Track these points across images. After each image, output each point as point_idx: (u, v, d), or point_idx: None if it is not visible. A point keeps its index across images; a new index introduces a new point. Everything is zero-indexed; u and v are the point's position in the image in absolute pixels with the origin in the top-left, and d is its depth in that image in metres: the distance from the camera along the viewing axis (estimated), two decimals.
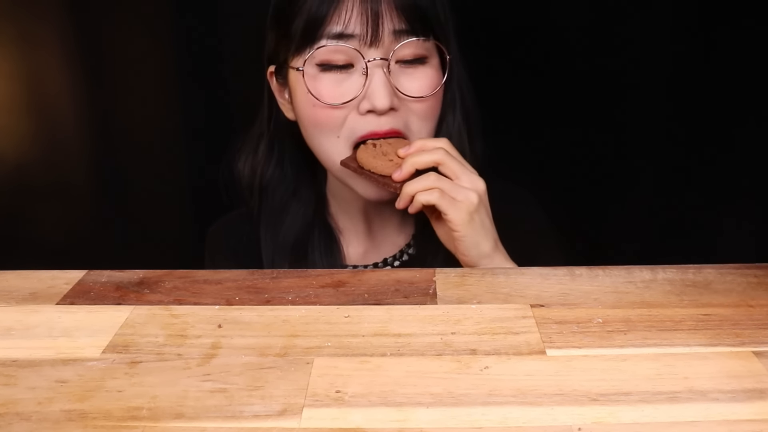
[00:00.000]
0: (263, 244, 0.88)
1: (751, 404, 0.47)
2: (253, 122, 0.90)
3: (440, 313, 0.58)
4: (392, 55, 0.76)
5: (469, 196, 0.74)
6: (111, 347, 0.54)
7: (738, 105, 1.11)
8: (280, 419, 0.46)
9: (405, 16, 0.76)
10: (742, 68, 1.10)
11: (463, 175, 0.75)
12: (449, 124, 0.84)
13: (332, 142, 0.79)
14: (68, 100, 1.14)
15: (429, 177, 0.75)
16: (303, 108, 0.80)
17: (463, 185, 0.74)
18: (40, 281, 0.64)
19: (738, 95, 1.11)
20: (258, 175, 0.88)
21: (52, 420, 0.47)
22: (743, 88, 1.10)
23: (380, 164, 0.77)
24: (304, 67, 0.77)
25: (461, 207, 0.74)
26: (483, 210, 0.75)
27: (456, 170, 0.75)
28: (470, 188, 0.74)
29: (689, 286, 0.62)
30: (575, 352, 0.53)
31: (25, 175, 1.16)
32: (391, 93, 0.77)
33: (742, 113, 1.12)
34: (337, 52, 0.76)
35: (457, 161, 0.75)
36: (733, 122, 1.13)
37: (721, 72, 1.10)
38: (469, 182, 0.75)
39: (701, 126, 1.13)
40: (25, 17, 1.10)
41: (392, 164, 0.77)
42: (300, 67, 0.78)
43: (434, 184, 0.74)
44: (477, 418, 0.46)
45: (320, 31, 0.76)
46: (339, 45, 0.76)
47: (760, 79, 1.09)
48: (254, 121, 0.90)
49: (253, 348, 0.54)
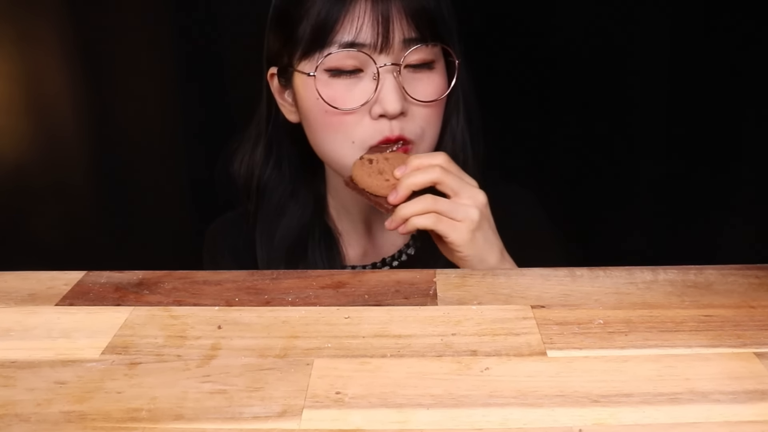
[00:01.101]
0: (258, 245, 0.87)
1: (752, 405, 0.47)
2: (249, 123, 0.90)
3: (441, 314, 0.58)
4: (402, 61, 0.76)
5: (470, 213, 0.72)
6: (110, 348, 0.54)
7: (740, 106, 1.11)
8: (280, 420, 0.46)
9: (415, 23, 0.76)
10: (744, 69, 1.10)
11: (462, 190, 0.73)
12: (453, 126, 0.84)
13: (346, 147, 0.78)
14: (67, 100, 1.14)
15: (425, 200, 0.72)
16: (313, 113, 0.79)
17: (462, 202, 0.72)
18: (39, 282, 0.64)
19: (740, 96, 1.11)
20: (255, 176, 0.87)
21: (51, 421, 0.46)
22: (745, 89, 1.10)
23: (375, 184, 0.74)
24: (315, 73, 0.77)
25: (461, 228, 0.72)
26: (486, 224, 0.73)
27: (454, 187, 0.72)
28: (470, 204, 0.72)
29: (690, 287, 0.62)
30: (576, 353, 0.53)
31: (24, 176, 1.16)
32: (401, 97, 0.76)
33: (745, 114, 1.12)
34: (348, 58, 0.76)
35: (455, 177, 0.73)
36: (735, 123, 1.13)
37: (723, 73, 1.10)
38: (469, 197, 0.73)
39: (703, 127, 1.13)
40: (24, 17, 1.10)
41: (388, 185, 0.74)
42: (312, 72, 0.77)
43: (430, 208, 0.72)
44: (477, 420, 0.46)
45: (330, 37, 0.76)
46: (351, 52, 0.76)
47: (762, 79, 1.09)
48: (251, 121, 0.90)
49: (253, 349, 0.54)
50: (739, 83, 1.10)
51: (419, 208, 0.72)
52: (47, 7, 1.10)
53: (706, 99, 1.11)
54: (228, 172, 0.89)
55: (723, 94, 1.10)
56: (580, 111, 1.14)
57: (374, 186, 0.74)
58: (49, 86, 1.13)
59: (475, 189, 0.73)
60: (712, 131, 1.13)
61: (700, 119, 1.13)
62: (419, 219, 0.72)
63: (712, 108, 1.12)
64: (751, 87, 1.10)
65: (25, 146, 1.16)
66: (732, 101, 1.11)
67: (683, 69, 1.12)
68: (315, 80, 0.77)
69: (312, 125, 0.81)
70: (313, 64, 0.77)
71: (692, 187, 1.16)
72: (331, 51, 0.76)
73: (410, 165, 0.74)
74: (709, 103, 1.11)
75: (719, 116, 1.12)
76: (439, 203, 0.72)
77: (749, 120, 1.12)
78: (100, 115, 1.16)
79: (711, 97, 1.11)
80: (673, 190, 1.17)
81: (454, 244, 0.72)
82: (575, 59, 1.12)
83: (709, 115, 1.12)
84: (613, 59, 1.12)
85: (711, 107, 1.11)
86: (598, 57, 1.12)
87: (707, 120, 1.12)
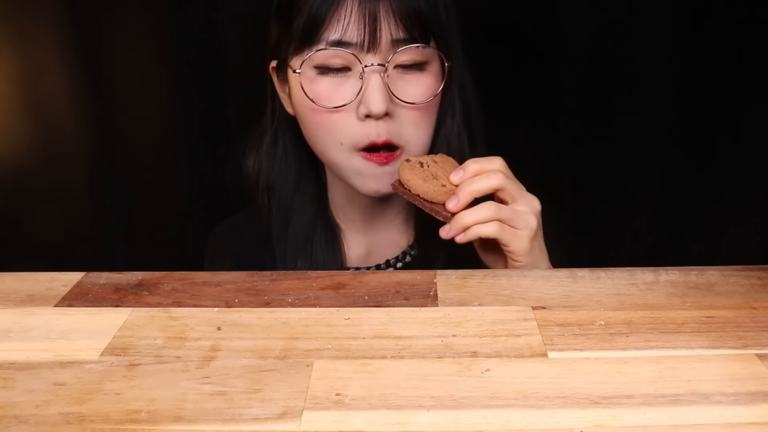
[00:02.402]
0: (276, 242, 0.87)
1: (754, 407, 0.47)
2: (260, 118, 0.90)
3: (441, 316, 0.58)
4: (390, 61, 0.76)
5: (529, 221, 0.70)
6: (109, 350, 0.54)
7: (742, 106, 1.11)
8: (280, 422, 0.46)
9: (404, 24, 0.76)
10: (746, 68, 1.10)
11: (521, 197, 0.70)
12: (447, 128, 0.83)
13: (335, 148, 0.78)
14: (66, 100, 1.14)
15: (488, 207, 0.69)
16: (302, 110, 0.80)
17: (521, 209, 0.70)
18: (38, 283, 0.64)
19: (742, 96, 1.11)
20: (264, 171, 0.87)
21: (50, 423, 0.46)
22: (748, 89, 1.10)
23: (431, 189, 0.70)
24: (301, 69, 0.77)
25: (523, 236, 0.70)
26: (540, 232, 0.72)
27: (514, 194, 0.70)
28: (529, 211, 0.70)
29: (692, 288, 0.62)
30: (577, 355, 0.53)
31: (23, 177, 1.16)
32: (386, 98, 0.76)
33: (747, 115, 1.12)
34: (335, 56, 0.76)
35: (515, 183, 0.71)
36: (737, 124, 1.13)
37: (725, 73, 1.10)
38: (527, 204, 0.71)
39: (705, 127, 1.13)
40: (23, 17, 1.09)
41: (445, 190, 0.70)
42: (297, 69, 0.77)
43: (494, 216, 0.69)
44: (478, 421, 0.46)
45: (319, 34, 0.76)
46: (337, 50, 0.76)
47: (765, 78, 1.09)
48: (261, 116, 0.90)
49: (253, 350, 0.54)
50: (742, 82, 1.10)
51: (483, 216, 0.69)
52: (46, 7, 1.10)
53: (709, 100, 1.11)
54: (240, 168, 0.89)
55: (726, 93, 1.10)
56: (581, 111, 1.13)
57: (430, 192, 0.71)
58: (48, 87, 1.13)
59: (531, 196, 0.72)
60: (714, 132, 1.13)
61: (703, 121, 1.13)
62: (482, 227, 0.69)
63: (715, 109, 1.11)
64: (755, 86, 1.10)
65: (24, 147, 1.15)
66: (735, 100, 1.11)
67: (685, 68, 1.12)
68: (301, 77, 0.77)
69: (302, 122, 0.81)
70: (301, 61, 0.77)
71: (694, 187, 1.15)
72: (318, 48, 0.76)
73: (468, 170, 0.71)
74: (712, 104, 1.11)
75: (722, 118, 1.12)
76: (503, 211, 0.69)
77: (753, 121, 1.12)
78: (100, 116, 1.16)
79: (714, 98, 1.11)
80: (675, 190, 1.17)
81: (514, 253, 0.70)
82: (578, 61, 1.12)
83: (711, 116, 1.12)
84: (614, 59, 1.12)
85: (714, 108, 1.11)
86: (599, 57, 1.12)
87: (710, 121, 1.12)
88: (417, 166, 0.72)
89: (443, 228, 0.71)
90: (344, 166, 0.79)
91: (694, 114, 1.13)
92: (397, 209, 0.88)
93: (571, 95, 1.13)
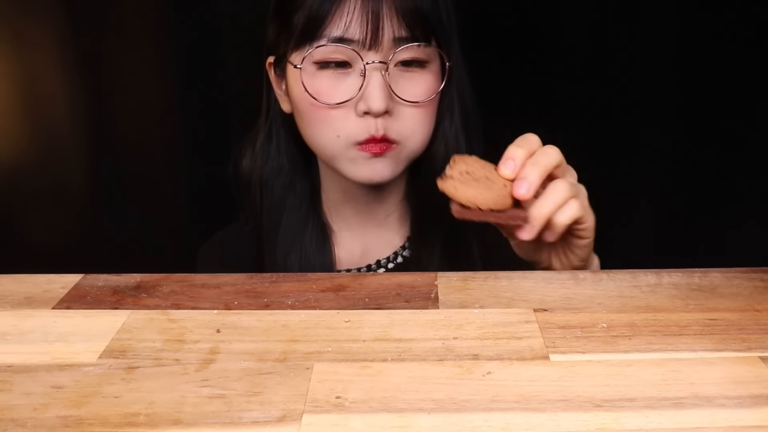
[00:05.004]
0: (266, 241, 0.87)
1: (757, 410, 0.47)
2: (258, 116, 0.90)
3: (442, 318, 0.58)
4: (391, 59, 0.76)
5: (583, 192, 0.65)
6: (108, 352, 0.54)
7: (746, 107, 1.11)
8: (280, 425, 0.46)
9: (406, 22, 0.76)
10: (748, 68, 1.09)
11: (569, 169, 0.65)
12: (446, 128, 0.84)
13: (332, 140, 0.78)
14: (65, 101, 1.14)
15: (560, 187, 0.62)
16: (301, 106, 0.80)
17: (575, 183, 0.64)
18: (35, 285, 0.64)
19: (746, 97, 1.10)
20: (258, 168, 0.87)
21: (47, 426, 0.46)
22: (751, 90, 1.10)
23: (497, 195, 0.61)
24: (302, 65, 0.77)
25: (590, 210, 0.65)
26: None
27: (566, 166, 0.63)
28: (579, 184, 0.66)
29: (695, 290, 0.61)
30: (579, 358, 0.52)
31: (21, 178, 1.16)
32: (387, 96, 0.76)
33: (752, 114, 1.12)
34: (336, 52, 0.76)
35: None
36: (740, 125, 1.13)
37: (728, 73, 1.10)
38: (574, 176, 0.66)
39: (707, 128, 1.13)
40: (21, 17, 1.09)
41: (507, 192, 0.61)
42: (298, 64, 0.77)
43: (571, 193, 0.61)
44: (479, 425, 0.46)
45: (320, 30, 0.76)
46: (339, 47, 0.75)
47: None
48: (258, 115, 0.89)
49: (252, 353, 0.53)
50: (746, 83, 1.10)
51: (561, 198, 0.61)
52: (44, 8, 1.09)
53: (711, 101, 1.11)
54: (237, 168, 0.88)
55: (729, 93, 1.10)
56: (581, 111, 1.13)
57: (500, 200, 0.61)
58: (47, 87, 1.13)
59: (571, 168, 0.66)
60: (717, 133, 1.13)
61: (706, 122, 1.13)
62: (565, 213, 0.62)
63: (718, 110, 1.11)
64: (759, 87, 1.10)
65: (22, 148, 1.15)
66: (739, 103, 1.11)
67: (687, 68, 1.12)
68: (301, 72, 0.77)
69: (300, 117, 0.81)
70: (302, 56, 0.77)
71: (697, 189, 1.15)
72: (320, 44, 0.76)
73: (517, 156, 0.62)
74: (715, 105, 1.11)
75: (725, 119, 1.12)
76: (574, 186, 0.62)
77: (756, 123, 1.12)
78: (98, 117, 1.16)
79: (717, 99, 1.11)
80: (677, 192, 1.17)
81: (588, 230, 0.65)
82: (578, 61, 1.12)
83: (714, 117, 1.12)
84: (615, 58, 1.12)
85: (717, 109, 1.11)
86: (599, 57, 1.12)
87: (713, 122, 1.12)
88: (462, 176, 0.62)
89: (522, 230, 0.63)
90: (339, 156, 0.79)
91: (697, 114, 1.13)
92: (391, 209, 0.88)
93: (570, 95, 1.13)
